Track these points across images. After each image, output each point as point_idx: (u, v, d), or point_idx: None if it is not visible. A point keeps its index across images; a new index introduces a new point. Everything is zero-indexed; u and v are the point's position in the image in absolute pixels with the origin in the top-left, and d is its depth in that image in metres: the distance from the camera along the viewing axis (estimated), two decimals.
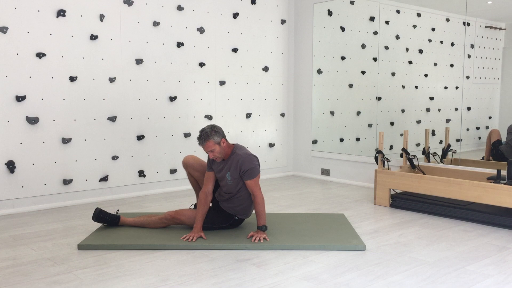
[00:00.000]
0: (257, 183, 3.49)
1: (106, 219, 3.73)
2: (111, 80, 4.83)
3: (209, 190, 3.57)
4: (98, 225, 3.90)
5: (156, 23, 5.07)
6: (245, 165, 3.45)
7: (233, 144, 3.62)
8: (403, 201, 4.51)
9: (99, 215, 3.71)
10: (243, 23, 5.80)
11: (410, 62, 5.60)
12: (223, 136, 3.48)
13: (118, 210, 3.91)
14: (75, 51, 4.60)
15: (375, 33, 5.60)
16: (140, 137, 5.07)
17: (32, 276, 2.86)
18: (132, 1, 4.91)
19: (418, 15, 5.55)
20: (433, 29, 5.50)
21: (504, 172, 4.09)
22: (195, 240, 3.41)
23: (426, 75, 5.58)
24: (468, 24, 4.92)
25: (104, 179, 4.86)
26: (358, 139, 5.93)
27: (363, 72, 5.78)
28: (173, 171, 5.33)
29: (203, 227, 3.56)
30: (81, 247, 3.34)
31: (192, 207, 3.84)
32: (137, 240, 3.44)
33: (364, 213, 4.36)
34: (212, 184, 3.59)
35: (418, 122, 5.57)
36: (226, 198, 3.62)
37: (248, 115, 5.92)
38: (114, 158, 4.91)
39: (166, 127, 5.26)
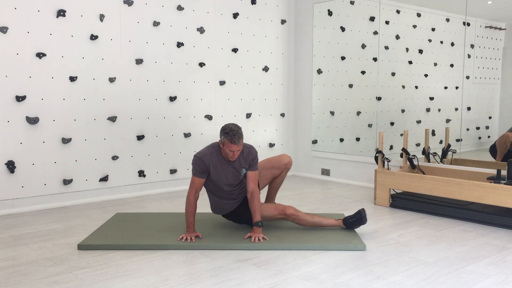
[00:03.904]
0: (257, 178, 3.53)
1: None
2: (111, 80, 4.83)
3: (198, 191, 3.50)
4: (98, 225, 3.91)
5: (156, 23, 5.07)
6: (253, 153, 3.53)
7: None
8: (403, 201, 4.51)
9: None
10: (243, 23, 5.80)
11: (410, 62, 5.60)
12: None
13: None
14: (75, 51, 4.60)
15: (375, 33, 5.60)
16: (140, 137, 5.07)
17: (32, 276, 2.86)
18: (132, 1, 4.91)
19: (418, 15, 5.55)
20: (433, 29, 5.50)
21: (504, 172, 4.09)
22: (194, 240, 3.41)
23: (426, 75, 5.58)
24: (468, 24, 4.91)
25: (104, 179, 4.86)
26: (358, 139, 5.93)
27: (363, 72, 5.78)
28: (173, 171, 5.33)
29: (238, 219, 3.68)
30: (81, 247, 3.34)
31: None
32: (137, 240, 3.44)
33: None
34: (201, 186, 3.52)
35: (418, 122, 5.57)
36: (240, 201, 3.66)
37: (248, 115, 5.92)
38: (114, 158, 4.91)
39: (166, 127, 5.25)
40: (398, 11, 5.61)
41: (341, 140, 6.03)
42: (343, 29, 5.90)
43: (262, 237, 3.42)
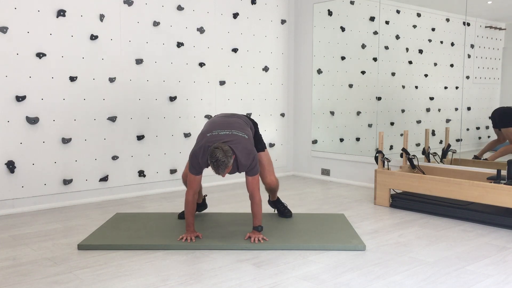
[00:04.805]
0: (257, 182, 3.47)
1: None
2: (111, 80, 4.83)
3: (197, 191, 3.47)
4: (98, 225, 3.91)
5: (156, 23, 5.07)
6: (248, 163, 3.36)
7: (231, 147, 3.33)
8: (403, 201, 4.51)
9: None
10: (243, 23, 5.80)
11: (410, 62, 5.60)
12: (233, 153, 3.29)
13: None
14: (75, 51, 4.60)
15: (375, 33, 5.60)
16: (140, 137, 5.07)
17: (32, 276, 2.86)
18: (132, 1, 4.91)
19: (418, 15, 5.55)
20: (433, 29, 5.49)
21: (504, 172, 4.09)
22: (194, 240, 3.41)
23: (426, 75, 5.58)
24: (468, 24, 4.91)
25: (104, 179, 4.86)
26: (358, 139, 5.93)
27: (363, 72, 5.78)
28: (173, 171, 5.33)
29: None
30: (81, 247, 3.34)
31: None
32: (137, 240, 3.44)
33: (364, 213, 4.36)
34: (199, 185, 3.50)
35: (418, 122, 5.57)
36: None
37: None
38: (114, 158, 4.91)
39: (166, 127, 5.25)
40: (398, 11, 5.61)
41: (341, 140, 6.03)
42: (343, 29, 5.90)
43: (261, 238, 3.42)
